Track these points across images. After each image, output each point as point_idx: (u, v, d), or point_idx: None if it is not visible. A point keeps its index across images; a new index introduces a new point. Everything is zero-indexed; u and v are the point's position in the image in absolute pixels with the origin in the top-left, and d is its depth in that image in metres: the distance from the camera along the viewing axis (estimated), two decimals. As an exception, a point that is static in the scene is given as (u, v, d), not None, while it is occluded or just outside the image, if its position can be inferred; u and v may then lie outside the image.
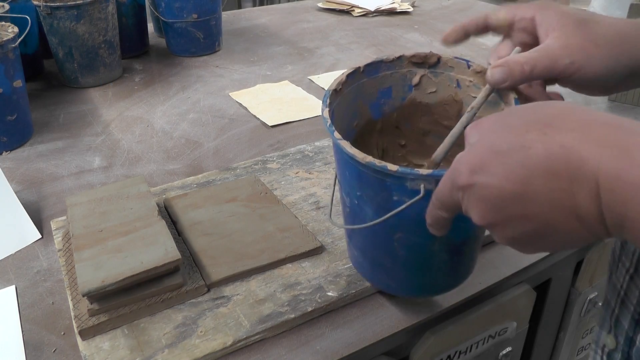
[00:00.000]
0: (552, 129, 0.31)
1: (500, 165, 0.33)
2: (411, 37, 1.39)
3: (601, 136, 0.29)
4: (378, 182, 0.45)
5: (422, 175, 0.42)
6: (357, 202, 0.49)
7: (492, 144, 0.34)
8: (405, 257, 0.50)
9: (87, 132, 0.92)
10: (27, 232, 0.68)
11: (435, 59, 0.56)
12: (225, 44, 1.32)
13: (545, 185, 0.31)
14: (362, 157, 0.44)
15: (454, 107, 0.57)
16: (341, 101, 0.54)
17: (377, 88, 0.57)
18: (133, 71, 1.17)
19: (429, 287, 0.55)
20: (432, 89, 0.57)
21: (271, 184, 0.74)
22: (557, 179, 0.30)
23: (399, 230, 0.48)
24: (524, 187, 0.32)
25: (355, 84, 0.56)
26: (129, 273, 0.52)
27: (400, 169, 0.42)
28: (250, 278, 0.59)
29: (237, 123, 0.95)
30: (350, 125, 0.57)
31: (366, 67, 0.55)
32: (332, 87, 0.53)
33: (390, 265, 0.52)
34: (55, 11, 0.99)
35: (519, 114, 0.34)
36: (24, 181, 0.79)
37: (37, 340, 0.54)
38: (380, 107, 0.58)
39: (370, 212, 0.48)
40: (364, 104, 0.57)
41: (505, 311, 0.67)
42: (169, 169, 0.82)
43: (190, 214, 0.67)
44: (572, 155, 0.30)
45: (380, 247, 0.51)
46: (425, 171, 0.42)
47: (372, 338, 0.54)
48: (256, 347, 0.53)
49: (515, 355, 0.75)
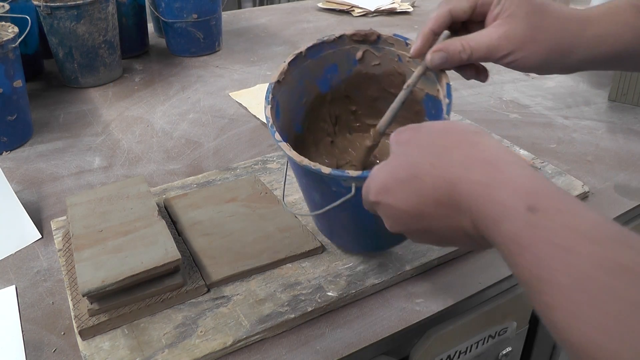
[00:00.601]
0: (440, 163, 0.37)
1: (399, 191, 0.39)
2: (411, 37, 1.39)
3: (476, 175, 0.35)
4: (318, 177, 0.50)
5: (352, 177, 0.47)
6: (305, 189, 0.57)
7: (395, 170, 0.40)
8: (354, 227, 0.57)
9: (87, 132, 0.92)
10: (27, 232, 0.68)
11: (375, 36, 0.60)
12: (225, 44, 1.32)
13: (435, 211, 0.37)
14: (299, 160, 0.49)
15: (397, 78, 0.61)
16: (285, 89, 0.59)
17: (322, 66, 0.61)
18: (133, 71, 1.17)
19: (377, 246, 0.61)
20: (376, 62, 0.62)
21: (271, 184, 0.74)
22: (444, 207, 0.37)
23: (343, 211, 0.54)
24: (419, 210, 0.38)
25: (299, 67, 0.60)
26: (129, 273, 0.52)
27: (332, 172, 0.48)
28: (250, 278, 0.59)
29: (237, 123, 0.95)
30: (299, 104, 0.62)
31: (308, 50, 0.59)
32: (275, 79, 0.57)
33: (343, 232, 0.60)
34: (55, 11, 0.99)
35: (425, 138, 0.40)
36: (24, 181, 0.79)
37: (37, 340, 0.54)
38: (328, 81, 0.62)
39: (317, 197, 0.54)
40: (311, 82, 0.62)
41: (505, 311, 0.67)
42: (169, 169, 0.82)
43: (190, 214, 0.67)
44: (453, 190, 0.36)
45: (333, 221, 0.58)
46: (354, 173, 0.47)
47: (372, 338, 0.54)
48: (256, 347, 0.53)
49: (515, 355, 0.75)
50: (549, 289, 0.28)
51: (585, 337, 0.26)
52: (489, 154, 0.36)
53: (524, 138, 0.89)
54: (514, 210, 0.31)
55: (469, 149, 0.37)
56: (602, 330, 0.25)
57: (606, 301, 0.25)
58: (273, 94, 0.57)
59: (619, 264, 0.26)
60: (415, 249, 0.63)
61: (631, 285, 0.25)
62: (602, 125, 0.94)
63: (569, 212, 0.30)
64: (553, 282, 0.28)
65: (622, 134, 0.91)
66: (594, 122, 0.95)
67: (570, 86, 1.10)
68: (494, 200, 0.33)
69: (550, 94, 1.06)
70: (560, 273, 0.27)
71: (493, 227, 0.33)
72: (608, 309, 0.25)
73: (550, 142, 0.88)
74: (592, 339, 0.25)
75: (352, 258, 0.62)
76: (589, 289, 0.26)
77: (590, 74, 1.15)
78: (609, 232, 0.28)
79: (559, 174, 0.77)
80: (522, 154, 0.82)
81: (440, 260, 0.63)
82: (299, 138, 0.64)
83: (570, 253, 0.28)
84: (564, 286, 0.27)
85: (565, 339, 0.27)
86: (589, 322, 0.26)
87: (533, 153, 0.83)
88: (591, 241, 0.28)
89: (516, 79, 1.13)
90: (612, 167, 0.82)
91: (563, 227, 0.29)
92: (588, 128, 0.93)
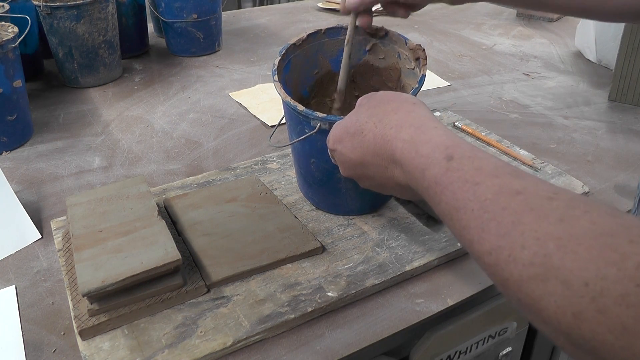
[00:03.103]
0: (382, 123, 0.47)
1: (348, 142, 0.50)
2: (411, 37, 1.39)
3: (406, 135, 0.44)
4: (296, 117, 0.61)
5: (318, 117, 0.57)
6: (289, 131, 0.66)
7: (347, 125, 0.50)
8: (320, 178, 0.65)
9: (87, 132, 0.92)
10: (27, 232, 0.68)
11: (384, 32, 0.68)
12: (225, 44, 1.32)
13: (374, 161, 0.47)
14: (284, 96, 0.60)
15: (395, 72, 0.69)
16: (301, 54, 0.68)
17: (337, 48, 0.70)
18: (133, 71, 1.17)
19: (341, 208, 0.68)
20: (382, 56, 0.70)
21: (271, 184, 0.74)
22: (380, 159, 0.46)
23: (312, 156, 0.63)
24: (362, 159, 0.48)
25: (317, 42, 0.69)
26: (129, 273, 0.52)
27: (304, 110, 0.58)
28: (250, 278, 0.59)
29: (237, 123, 0.95)
30: (311, 72, 0.71)
31: (327, 30, 0.69)
32: (292, 42, 0.67)
33: (314, 186, 0.67)
34: (55, 11, 0.99)
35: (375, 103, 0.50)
36: (24, 181, 0.79)
37: (37, 340, 0.54)
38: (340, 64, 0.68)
39: (295, 138, 0.64)
40: (325, 58, 0.71)
41: (505, 311, 0.67)
42: (169, 169, 0.82)
43: (190, 214, 0.67)
44: (388, 146, 0.45)
45: (305, 170, 0.67)
46: (321, 115, 0.57)
47: (372, 338, 0.54)
48: (256, 347, 0.53)
49: (515, 355, 0.75)
50: (463, 214, 0.36)
51: (490, 243, 0.33)
52: (418, 120, 0.45)
53: (524, 138, 0.89)
54: (435, 160, 0.40)
55: (404, 115, 0.46)
56: (501, 236, 0.32)
57: (503, 215, 0.33)
58: (287, 51, 0.66)
59: (513, 190, 0.34)
60: (415, 249, 0.63)
61: (522, 203, 0.33)
62: (602, 125, 0.94)
63: (477, 158, 0.38)
64: (466, 208, 0.36)
65: (622, 134, 0.91)
66: (594, 122, 0.95)
67: (570, 86, 1.09)
68: (419, 154, 0.42)
69: (550, 94, 1.06)
70: (471, 201, 0.36)
71: (419, 175, 0.41)
72: (505, 221, 0.33)
73: (550, 142, 0.88)
74: (495, 244, 0.33)
75: (352, 258, 0.62)
76: (492, 209, 0.34)
77: (590, 74, 1.15)
78: (506, 169, 0.36)
79: (559, 174, 0.77)
80: (522, 154, 0.82)
81: (440, 261, 0.63)
82: (303, 101, 0.72)
83: (477, 185, 0.36)
84: (473, 210, 0.35)
85: (477, 250, 0.35)
86: (492, 232, 0.33)
87: (533, 153, 0.83)
88: (493, 176, 0.36)
89: (516, 79, 1.13)
90: (612, 167, 0.82)
91: (472, 169, 0.37)
92: (588, 128, 0.93)
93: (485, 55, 1.26)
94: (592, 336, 0.27)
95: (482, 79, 1.12)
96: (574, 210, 0.31)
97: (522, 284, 0.31)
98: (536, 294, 0.30)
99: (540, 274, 0.30)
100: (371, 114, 0.48)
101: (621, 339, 0.26)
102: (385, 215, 0.69)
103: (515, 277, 0.31)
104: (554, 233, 0.30)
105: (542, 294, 0.29)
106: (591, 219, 0.30)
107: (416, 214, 0.68)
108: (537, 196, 0.33)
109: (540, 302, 0.30)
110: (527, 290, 0.30)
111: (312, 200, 0.70)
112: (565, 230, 0.30)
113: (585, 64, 1.21)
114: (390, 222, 0.67)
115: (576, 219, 0.30)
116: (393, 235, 0.65)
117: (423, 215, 0.68)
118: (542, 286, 0.29)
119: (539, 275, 0.30)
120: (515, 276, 0.31)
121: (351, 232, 0.66)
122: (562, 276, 0.29)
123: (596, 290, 0.27)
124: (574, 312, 0.28)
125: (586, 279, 0.28)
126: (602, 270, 0.27)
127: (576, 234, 0.29)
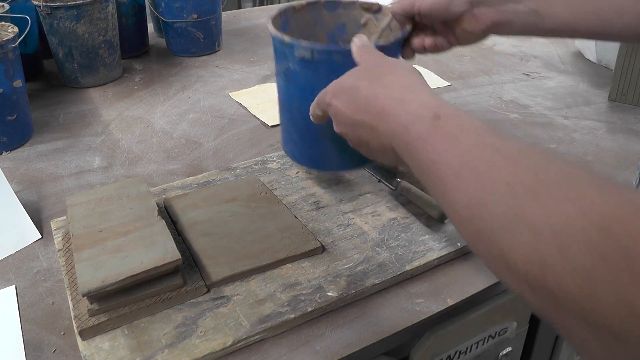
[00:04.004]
0: (376, 82, 0.48)
1: (344, 97, 0.50)
2: (411, 37, 1.39)
3: (395, 93, 0.45)
4: (282, 54, 0.61)
5: (303, 46, 0.58)
6: (276, 76, 0.66)
7: (345, 81, 0.51)
8: (302, 125, 0.64)
9: (87, 132, 0.92)
10: (27, 232, 0.68)
11: (378, 7, 0.69)
12: (225, 44, 1.32)
13: (363, 116, 0.48)
14: (272, 30, 0.61)
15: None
16: (300, 19, 0.69)
17: (334, 22, 0.71)
18: (133, 71, 1.17)
19: (322, 162, 0.68)
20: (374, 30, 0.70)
21: (271, 184, 0.74)
22: (369, 115, 0.47)
23: (295, 99, 0.63)
24: (353, 115, 0.49)
25: (316, 11, 0.70)
26: (129, 273, 0.52)
27: (291, 40, 0.59)
28: (250, 278, 0.59)
29: (237, 123, 0.95)
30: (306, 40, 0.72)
31: (326, 2, 0.70)
32: (291, 5, 0.67)
33: (295, 136, 0.67)
34: (55, 11, 0.99)
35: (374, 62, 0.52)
36: (24, 181, 0.79)
37: (37, 340, 0.54)
38: (335, 38, 0.71)
39: (281, 82, 0.64)
40: (322, 30, 0.71)
41: (505, 311, 0.67)
42: (169, 169, 0.82)
43: (190, 214, 0.67)
44: (376, 102, 0.46)
45: (287, 117, 0.67)
46: (306, 43, 0.58)
47: (372, 338, 0.54)
48: (256, 347, 0.53)
49: (515, 355, 0.75)
50: (441, 166, 0.37)
51: (467, 193, 0.34)
52: (409, 82, 0.47)
53: (524, 138, 0.89)
54: (422, 117, 0.41)
55: (398, 77, 0.48)
56: (477, 187, 0.34)
57: (479, 167, 0.34)
58: (286, 11, 0.67)
59: (490, 144, 0.36)
60: (415, 249, 0.63)
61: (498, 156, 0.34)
62: (602, 125, 0.94)
63: (461, 117, 0.40)
64: (445, 161, 0.37)
65: (622, 134, 0.91)
66: (594, 122, 0.95)
67: (570, 86, 1.09)
68: (406, 110, 0.43)
69: (550, 94, 1.06)
70: (449, 152, 0.37)
71: (403, 131, 0.42)
72: (480, 172, 0.34)
73: (550, 142, 0.88)
74: (471, 194, 0.34)
75: (352, 258, 0.62)
76: (469, 161, 0.35)
77: (590, 74, 1.15)
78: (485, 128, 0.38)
79: (559, 174, 0.77)
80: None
81: (440, 260, 0.63)
82: None
83: (457, 140, 0.37)
84: (452, 164, 0.36)
85: (451, 201, 0.36)
86: (468, 183, 0.34)
87: (533, 153, 0.83)
88: (472, 133, 0.38)
89: (516, 79, 1.13)
90: (612, 167, 0.82)
91: (455, 126, 0.39)
92: (588, 128, 0.93)
93: (485, 55, 1.26)
94: (557, 285, 0.28)
95: (482, 79, 1.12)
96: (548, 163, 0.32)
97: (493, 234, 0.32)
98: (506, 244, 0.31)
99: (511, 223, 0.30)
100: (368, 72, 0.50)
101: (584, 287, 0.26)
102: (385, 215, 0.69)
103: (488, 228, 0.32)
104: (526, 183, 0.31)
105: (511, 244, 0.30)
106: (562, 170, 0.31)
107: (416, 214, 0.68)
108: (513, 150, 0.34)
109: (509, 254, 0.30)
110: (497, 240, 0.31)
111: (293, 155, 0.70)
112: (538, 180, 0.31)
113: (585, 64, 1.21)
114: (390, 222, 0.67)
115: (547, 170, 0.31)
116: (393, 235, 0.65)
117: (423, 215, 0.68)
118: (511, 236, 0.30)
119: (509, 225, 0.30)
120: (488, 226, 0.32)
121: (351, 232, 0.66)
122: (530, 224, 0.29)
123: (563, 238, 0.28)
124: (540, 260, 0.28)
125: (553, 226, 0.28)
126: (570, 218, 0.28)
127: (547, 183, 0.30)
